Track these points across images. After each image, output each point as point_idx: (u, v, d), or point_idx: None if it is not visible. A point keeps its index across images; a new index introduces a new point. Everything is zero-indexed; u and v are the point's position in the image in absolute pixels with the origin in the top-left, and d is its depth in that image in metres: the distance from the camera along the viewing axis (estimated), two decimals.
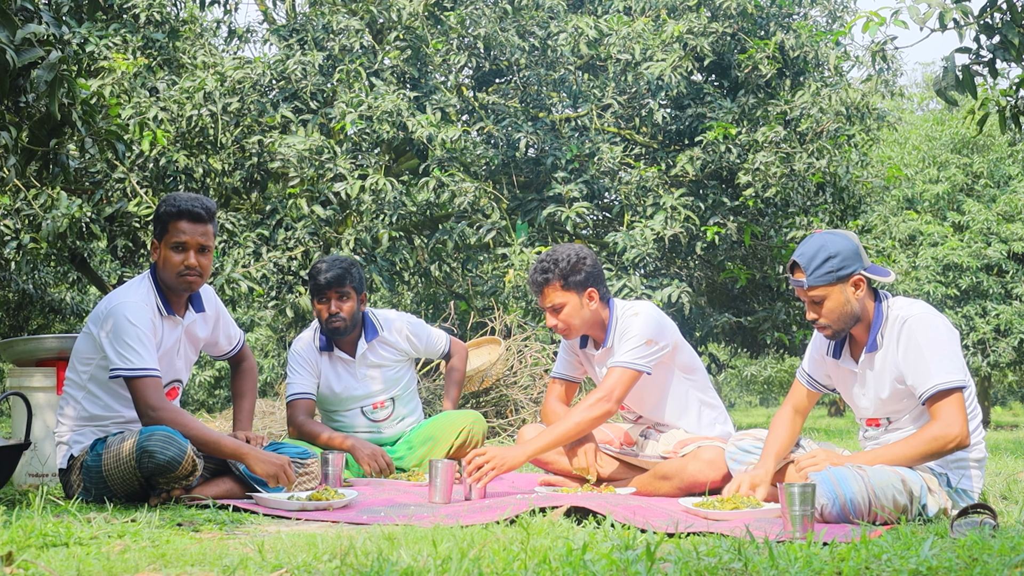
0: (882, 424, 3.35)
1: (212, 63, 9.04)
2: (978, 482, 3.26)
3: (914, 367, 3.15)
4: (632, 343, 3.76)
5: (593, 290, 3.84)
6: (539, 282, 3.84)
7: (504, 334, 7.99)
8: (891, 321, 3.25)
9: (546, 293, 3.83)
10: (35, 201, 7.63)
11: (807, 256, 3.25)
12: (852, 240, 3.28)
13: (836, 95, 9.99)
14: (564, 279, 3.81)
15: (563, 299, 3.82)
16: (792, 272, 3.32)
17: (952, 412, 3.08)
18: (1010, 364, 18.00)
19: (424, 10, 9.38)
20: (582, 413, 3.71)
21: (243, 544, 2.59)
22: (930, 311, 3.24)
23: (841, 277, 3.23)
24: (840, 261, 3.22)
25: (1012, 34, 4.82)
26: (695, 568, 2.12)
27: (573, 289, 3.82)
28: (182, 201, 3.61)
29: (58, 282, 13.73)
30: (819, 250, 3.23)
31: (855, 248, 3.26)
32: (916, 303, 3.27)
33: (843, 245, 3.24)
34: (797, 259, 3.28)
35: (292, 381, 4.44)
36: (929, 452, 3.10)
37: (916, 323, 3.18)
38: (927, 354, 3.13)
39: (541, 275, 3.83)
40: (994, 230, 17.23)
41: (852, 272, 3.23)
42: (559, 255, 3.82)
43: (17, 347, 4.58)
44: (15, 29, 3.53)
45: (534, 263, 3.90)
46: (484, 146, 9.59)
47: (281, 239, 8.71)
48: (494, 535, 2.58)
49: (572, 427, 3.70)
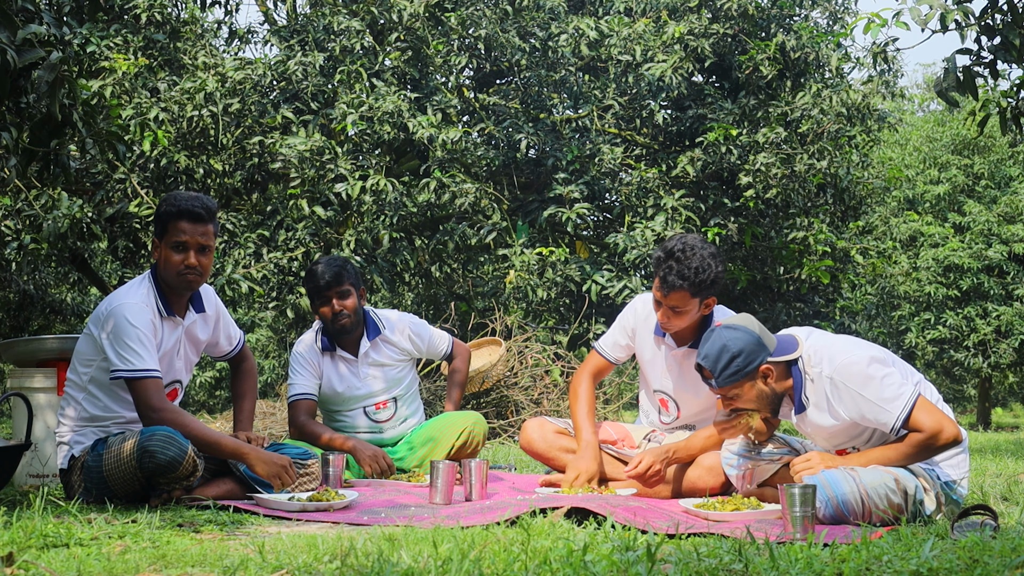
0: (851, 451, 3.36)
1: (213, 64, 9.04)
2: (964, 467, 3.27)
3: (868, 412, 3.15)
4: None
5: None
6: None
7: (505, 335, 7.99)
8: (814, 377, 3.24)
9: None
10: (36, 202, 7.63)
11: (711, 359, 3.26)
12: (752, 330, 3.27)
13: (837, 96, 9.99)
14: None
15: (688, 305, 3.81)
16: (700, 373, 3.34)
17: (929, 418, 3.10)
18: (1011, 365, 18.00)
19: (425, 11, 9.38)
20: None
21: (244, 545, 2.59)
22: (845, 354, 3.20)
23: (748, 373, 3.25)
24: (744, 359, 3.23)
25: (1013, 35, 4.82)
26: (696, 569, 2.12)
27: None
28: (182, 200, 3.60)
29: (59, 283, 13.73)
30: (721, 351, 3.24)
31: (756, 338, 3.25)
32: (831, 348, 3.24)
33: (744, 341, 3.23)
34: (702, 363, 3.29)
35: (294, 382, 4.44)
36: (923, 454, 3.12)
37: (841, 377, 3.17)
38: (870, 396, 3.13)
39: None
40: (995, 231, 17.22)
41: (758, 365, 3.24)
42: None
43: (18, 348, 4.59)
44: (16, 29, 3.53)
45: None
46: (485, 147, 9.60)
47: (282, 240, 8.72)
48: (495, 536, 2.58)
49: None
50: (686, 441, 3.73)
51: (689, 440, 3.73)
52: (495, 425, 7.25)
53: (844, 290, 12.01)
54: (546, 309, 9.66)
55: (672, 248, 3.75)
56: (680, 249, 3.74)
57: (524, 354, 7.71)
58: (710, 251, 3.77)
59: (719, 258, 3.79)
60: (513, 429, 7.24)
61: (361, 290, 4.48)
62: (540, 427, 4.12)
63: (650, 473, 3.59)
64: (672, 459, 3.66)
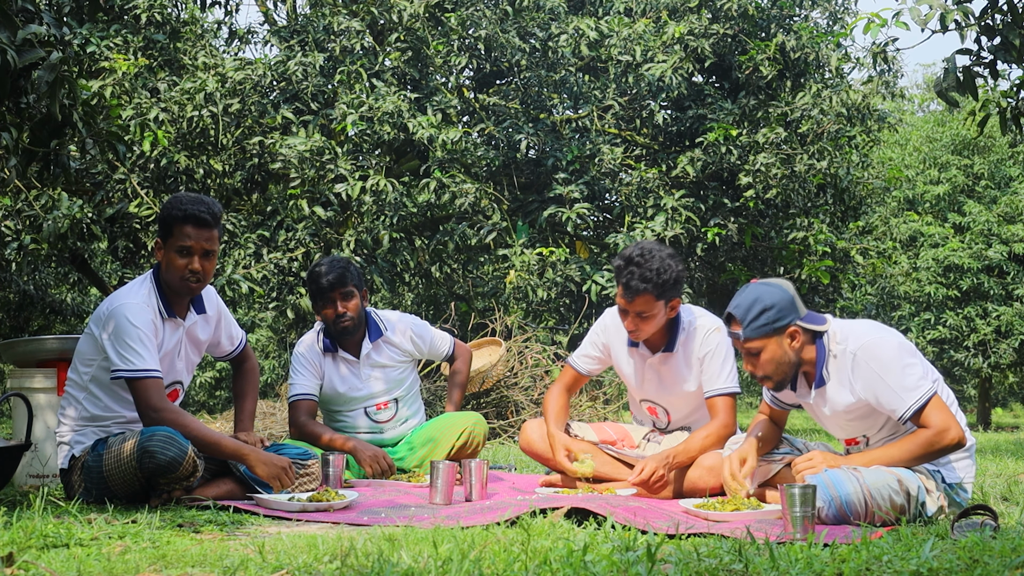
0: (861, 441, 3.37)
1: (213, 64, 9.05)
2: (970, 471, 3.27)
3: (882, 397, 3.16)
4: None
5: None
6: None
7: (505, 335, 7.99)
8: (837, 354, 3.25)
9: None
10: (36, 202, 7.64)
11: (743, 308, 3.25)
12: (788, 290, 3.28)
13: (837, 96, 9.99)
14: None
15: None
16: (728, 324, 3.33)
17: (939, 417, 3.10)
18: (1011, 365, 18.01)
19: (425, 11, 9.39)
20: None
21: (244, 545, 2.59)
22: (874, 334, 3.22)
23: (777, 329, 3.23)
24: (776, 313, 3.22)
25: (1013, 35, 4.82)
26: (696, 569, 2.12)
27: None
28: (188, 205, 3.59)
29: (59, 283, 13.74)
30: (754, 302, 3.23)
31: (791, 299, 3.26)
32: (859, 328, 3.25)
33: (779, 297, 3.24)
34: (732, 311, 3.28)
35: (294, 382, 4.44)
36: (927, 453, 3.12)
37: (866, 355, 3.18)
38: (889, 381, 3.13)
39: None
40: (995, 231, 17.23)
41: (788, 323, 3.23)
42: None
43: (18, 348, 4.58)
44: (16, 30, 3.53)
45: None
46: (485, 147, 9.60)
47: (282, 240, 8.72)
48: (495, 536, 2.58)
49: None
50: (684, 444, 3.74)
51: (687, 443, 3.73)
52: (495, 425, 7.25)
53: (844, 290, 12.02)
54: (546, 309, 9.67)
55: (631, 255, 3.77)
56: (639, 254, 3.75)
57: (524, 354, 7.71)
58: (668, 252, 3.79)
59: (678, 258, 3.81)
60: (513, 429, 7.24)
61: (363, 291, 4.48)
62: (540, 428, 4.12)
63: (654, 479, 3.60)
64: (673, 464, 3.67)
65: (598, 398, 7.66)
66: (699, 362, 3.91)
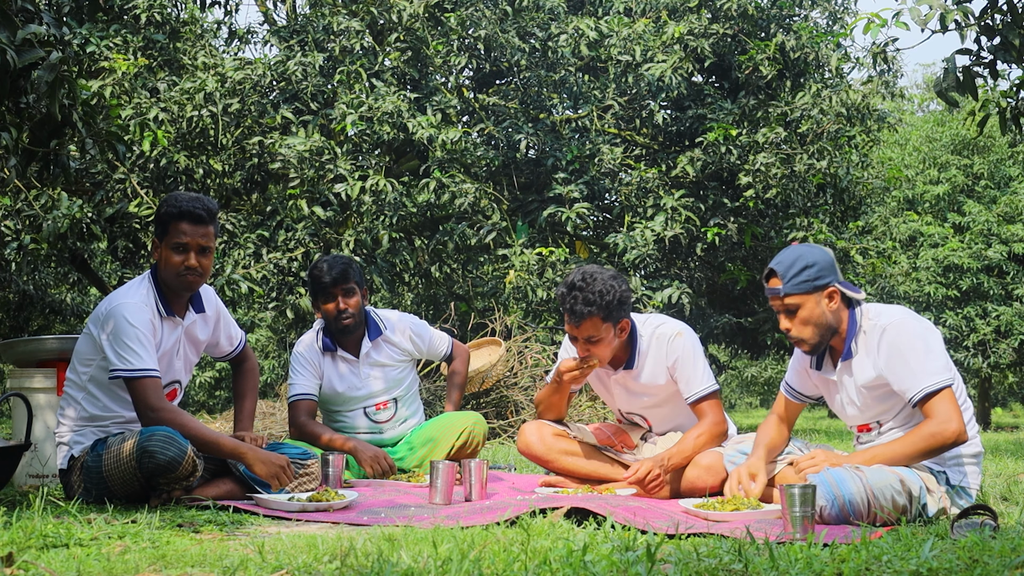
0: (873, 428, 3.37)
1: (213, 64, 9.04)
2: (975, 478, 3.27)
3: (899, 373, 3.18)
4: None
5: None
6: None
7: (504, 335, 7.99)
8: (867, 329, 3.28)
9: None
10: (36, 202, 7.63)
11: (785, 264, 3.28)
12: (828, 253, 3.33)
13: (837, 96, 9.99)
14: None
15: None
16: (767, 280, 3.34)
17: (945, 409, 3.11)
18: (1010, 365, 18.00)
19: (425, 11, 9.38)
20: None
21: (243, 545, 2.59)
22: (908, 315, 3.26)
23: (817, 287, 3.26)
24: (817, 271, 3.26)
25: (1013, 35, 4.82)
26: (695, 569, 2.12)
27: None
28: (183, 202, 3.60)
29: (58, 283, 13.73)
30: (797, 259, 3.27)
31: (831, 261, 3.31)
32: (893, 309, 3.30)
33: (820, 256, 3.29)
34: (774, 267, 3.31)
35: (294, 382, 4.45)
36: (928, 448, 3.12)
37: (895, 330, 3.21)
38: (910, 360, 3.16)
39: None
40: (994, 231, 17.22)
41: (828, 283, 3.27)
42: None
43: (18, 348, 4.58)
44: (15, 30, 3.53)
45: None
46: (484, 147, 9.60)
47: (281, 240, 8.71)
48: (494, 536, 2.58)
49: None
50: (678, 446, 3.73)
51: (681, 444, 3.73)
52: (495, 425, 7.25)
53: None
54: (546, 309, 9.66)
55: (572, 281, 3.75)
56: (580, 279, 3.73)
57: (524, 354, 7.70)
58: (611, 274, 3.77)
59: (621, 279, 3.78)
60: (513, 429, 7.24)
61: (364, 290, 4.49)
62: (538, 430, 4.11)
63: (649, 479, 3.59)
64: (668, 466, 3.67)
65: (598, 398, 7.65)
66: (669, 371, 3.88)
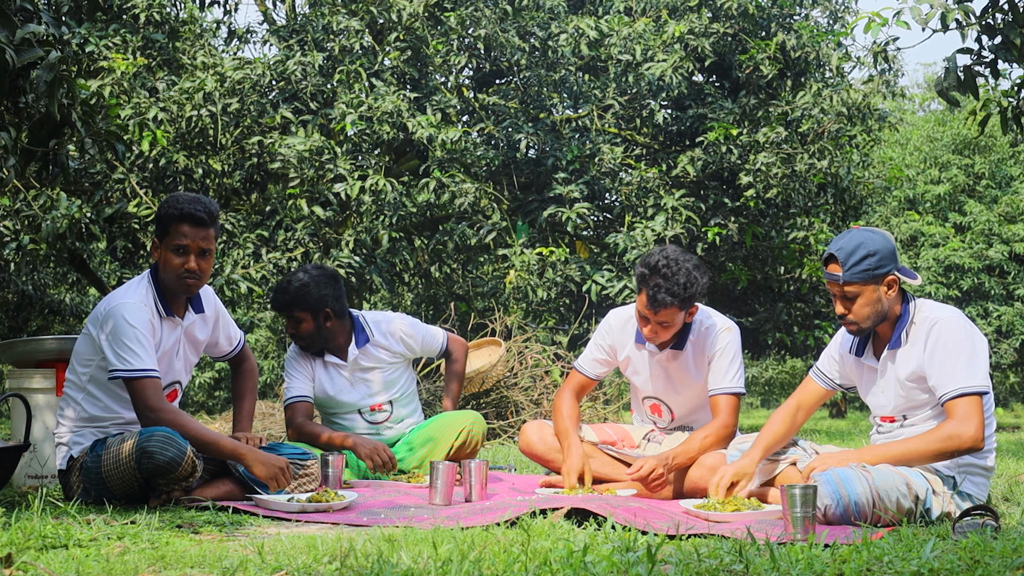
0: (897, 420, 3.34)
1: (212, 64, 9.03)
2: (983, 490, 3.24)
3: (939, 368, 3.15)
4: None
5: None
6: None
7: (504, 335, 7.98)
8: (918, 321, 3.26)
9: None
10: (35, 202, 7.62)
11: (846, 251, 3.24)
12: (890, 240, 3.29)
13: (837, 96, 9.98)
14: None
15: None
16: (827, 265, 3.31)
17: (969, 413, 3.08)
18: (1012, 365, 18.00)
19: (424, 11, 9.38)
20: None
21: (243, 546, 2.58)
22: (961, 316, 3.24)
23: (876, 276, 3.23)
24: (878, 260, 3.22)
25: (1014, 35, 4.81)
26: (696, 570, 2.11)
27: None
28: (184, 203, 3.59)
29: (57, 283, 13.72)
30: (858, 247, 3.23)
31: (892, 248, 3.27)
32: (947, 307, 3.28)
33: (881, 244, 3.25)
34: (835, 252, 3.27)
35: (289, 385, 4.47)
36: (942, 450, 3.09)
37: (946, 326, 3.19)
38: (954, 357, 3.14)
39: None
40: (995, 231, 17.22)
41: (887, 272, 3.24)
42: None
43: (16, 348, 4.58)
44: (15, 29, 3.52)
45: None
46: (484, 147, 9.59)
47: (281, 240, 8.71)
48: (495, 537, 2.57)
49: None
50: (684, 445, 3.73)
51: (687, 444, 3.73)
52: (495, 426, 7.24)
53: None
54: (546, 309, 9.66)
55: (656, 264, 3.72)
56: (665, 264, 3.71)
57: (524, 354, 7.69)
58: (694, 263, 3.76)
59: (702, 268, 3.79)
60: (513, 430, 7.23)
61: (324, 312, 4.39)
62: (539, 430, 4.11)
63: (652, 477, 3.59)
64: (672, 465, 3.66)
65: (598, 398, 7.65)
66: (708, 361, 3.92)
